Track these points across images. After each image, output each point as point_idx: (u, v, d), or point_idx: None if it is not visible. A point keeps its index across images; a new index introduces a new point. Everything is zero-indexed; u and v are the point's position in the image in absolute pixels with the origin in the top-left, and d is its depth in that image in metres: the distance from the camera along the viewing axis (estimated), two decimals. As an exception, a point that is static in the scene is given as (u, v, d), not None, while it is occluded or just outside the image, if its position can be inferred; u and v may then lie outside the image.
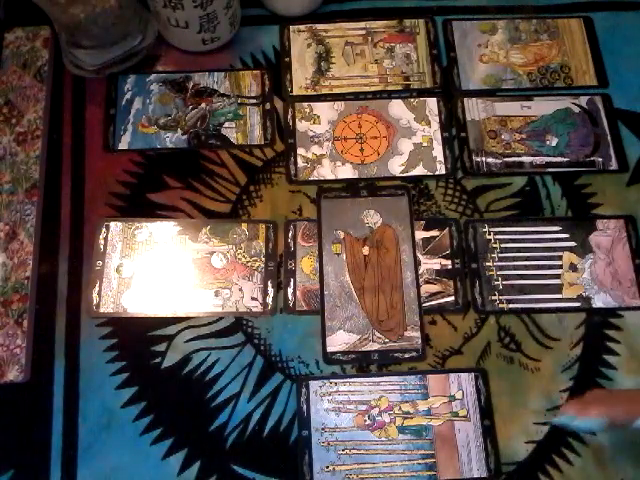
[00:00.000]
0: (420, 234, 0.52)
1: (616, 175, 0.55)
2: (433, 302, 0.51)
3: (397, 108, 0.57)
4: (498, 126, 0.56)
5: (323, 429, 0.47)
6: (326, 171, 0.55)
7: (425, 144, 0.56)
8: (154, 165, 0.55)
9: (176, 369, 0.48)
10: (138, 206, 0.53)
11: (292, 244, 0.52)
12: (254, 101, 0.57)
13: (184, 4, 0.51)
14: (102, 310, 0.49)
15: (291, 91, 0.57)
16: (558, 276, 0.51)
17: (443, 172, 0.55)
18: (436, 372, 0.48)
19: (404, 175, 0.54)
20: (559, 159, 0.55)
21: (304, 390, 0.48)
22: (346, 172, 0.55)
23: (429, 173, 0.55)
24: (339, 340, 0.49)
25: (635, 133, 0.56)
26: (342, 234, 0.52)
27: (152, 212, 0.53)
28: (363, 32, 0.60)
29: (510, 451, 0.46)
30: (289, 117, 0.56)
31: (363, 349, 0.49)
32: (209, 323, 0.50)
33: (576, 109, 0.57)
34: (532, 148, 0.55)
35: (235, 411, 0.47)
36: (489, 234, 0.52)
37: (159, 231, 0.52)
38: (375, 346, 0.49)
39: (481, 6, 0.62)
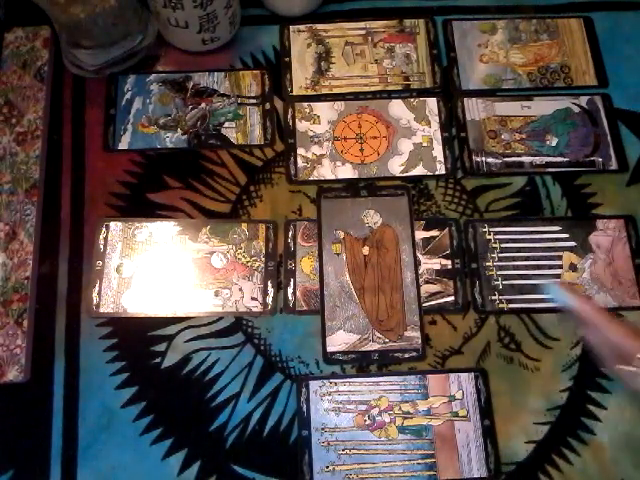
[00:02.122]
0: (420, 234, 0.52)
1: (616, 175, 0.55)
2: (433, 302, 0.51)
3: (397, 108, 0.57)
4: (498, 126, 0.56)
5: (323, 429, 0.47)
6: (326, 171, 0.55)
7: (425, 144, 0.56)
8: (154, 165, 0.55)
9: (176, 369, 0.48)
10: (138, 206, 0.53)
11: (292, 244, 0.52)
12: (254, 101, 0.57)
13: (184, 4, 0.51)
14: (102, 310, 0.49)
15: (291, 91, 0.57)
16: (558, 276, 0.51)
17: (443, 172, 0.55)
18: (436, 372, 0.48)
19: (404, 175, 0.54)
20: (559, 159, 0.55)
21: (304, 390, 0.48)
22: (346, 172, 0.55)
23: (429, 173, 0.55)
24: (339, 340, 0.49)
25: (635, 133, 0.56)
26: (342, 234, 0.52)
27: (152, 212, 0.53)
28: (363, 32, 0.60)
29: (510, 451, 0.47)
30: (289, 117, 0.56)
31: (363, 349, 0.49)
32: (209, 323, 0.50)
33: (576, 109, 0.57)
34: (532, 148, 0.55)
35: (235, 411, 0.47)
36: (489, 234, 0.52)
37: (159, 231, 0.52)
38: (375, 346, 0.49)
39: (481, 6, 0.62)
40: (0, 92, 0.56)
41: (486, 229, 0.53)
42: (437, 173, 0.54)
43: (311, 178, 0.54)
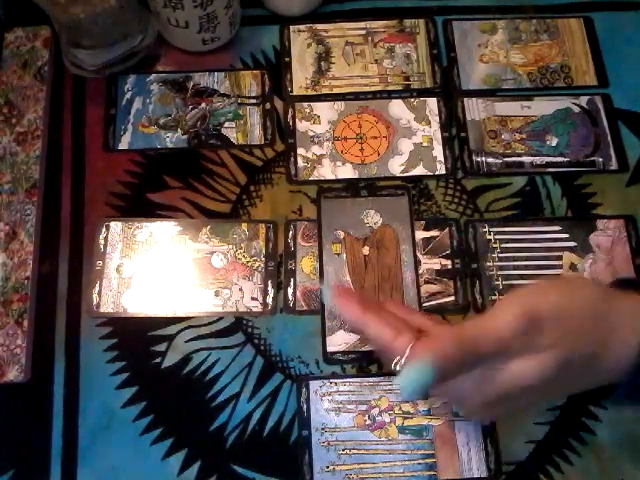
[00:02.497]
0: (420, 234, 0.52)
1: (616, 175, 0.55)
2: (433, 302, 0.50)
3: (397, 108, 0.57)
4: (498, 126, 0.56)
5: (323, 429, 0.46)
6: (326, 171, 0.55)
7: (425, 144, 0.56)
8: (154, 165, 0.55)
9: (176, 369, 0.48)
10: (138, 206, 0.53)
11: (292, 244, 0.52)
12: (254, 101, 0.57)
13: (184, 4, 0.51)
14: (102, 310, 0.49)
15: (291, 91, 0.57)
16: (558, 276, 0.51)
17: (443, 172, 0.55)
18: (436, 372, 0.48)
19: (404, 175, 0.54)
20: (559, 159, 0.55)
21: (304, 390, 0.47)
22: (346, 172, 0.55)
23: (429, 173, 0.55)
24: (339, 340, 0.49)
25: (635, 133, 0.56)
26: (342, 234, 0.52)
27: (152, 212, 0.53)
28: (363, 32, 0.60)
29: (510, 451, 0.46)
30: (289, 117, 0.56)
31: (363, 349, 0.49)
32: (209, 323, 0.50)
33: (576, 109, 0.57)
34: (532, 148, 0.55)
35: (235, 411, 0.47)
36: (489, 234, 0.52)
37: (159, 231, 0.52)
38: (375, 346, 0.49)
39: (481, 6, 0.62)
40: (0, 92, 0.56)
41: (486, 229, 0.53)
42: (437, 173, 0.54)
43: (311, 178, 0.54)
